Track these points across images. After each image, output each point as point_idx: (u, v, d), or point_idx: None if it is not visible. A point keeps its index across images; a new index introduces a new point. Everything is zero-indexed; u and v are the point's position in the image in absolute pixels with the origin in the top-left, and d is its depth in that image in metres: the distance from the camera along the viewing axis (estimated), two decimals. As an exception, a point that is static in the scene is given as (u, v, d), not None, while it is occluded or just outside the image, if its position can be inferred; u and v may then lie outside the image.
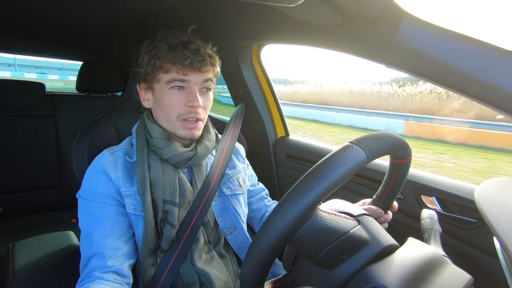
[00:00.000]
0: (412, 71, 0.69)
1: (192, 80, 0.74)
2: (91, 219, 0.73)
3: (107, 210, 0.74)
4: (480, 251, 0.83)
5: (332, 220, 0.48)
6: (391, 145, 0.51)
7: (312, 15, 0.77)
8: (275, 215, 0.42)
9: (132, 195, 0.76)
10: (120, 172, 0.77)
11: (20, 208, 1.87)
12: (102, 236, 0.71)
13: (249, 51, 1.39)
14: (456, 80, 0.61)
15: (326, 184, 0.41)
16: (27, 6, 1.10)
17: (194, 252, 0.79)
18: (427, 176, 0.96)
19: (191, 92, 0.75)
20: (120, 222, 0.74)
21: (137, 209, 0.75)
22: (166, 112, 0.76)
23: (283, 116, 1.50)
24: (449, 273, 0.46)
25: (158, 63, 0.73)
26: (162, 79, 0.75)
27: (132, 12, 1.14)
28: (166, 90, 0.75)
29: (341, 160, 0.42)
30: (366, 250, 0.48)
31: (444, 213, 0.89)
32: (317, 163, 0.44)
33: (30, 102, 1.87)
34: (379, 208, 0.68)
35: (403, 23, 0.65)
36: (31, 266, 0.91)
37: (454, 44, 0.60)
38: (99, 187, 0.74)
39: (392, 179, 0.63)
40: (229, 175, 0.92)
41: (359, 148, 0.44)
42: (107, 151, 0.80)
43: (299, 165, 1.38)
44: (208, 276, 0.77)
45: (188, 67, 0.72)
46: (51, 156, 1.94)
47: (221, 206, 0.88)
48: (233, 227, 0.88)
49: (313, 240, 0.46)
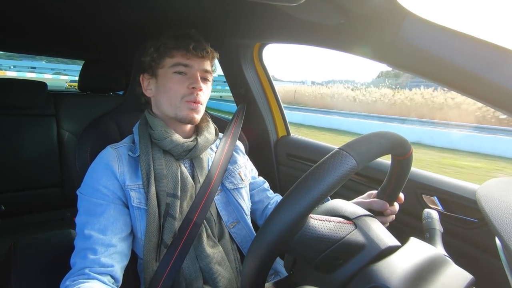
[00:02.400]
0: (415, 70, 0.69)
1: (194, 66, 0.81)
2: (88, 214, 0.73)
3: (105, 206, 0.74)
4: (482, 251, 0.83)
5: (325, 228, 0.47)
6: (385, 146, 0.49)
7: (314, 15, 0.77)
8: (265, 228, 0.42)
9: (137, 188, 0.77)
10: (125, 166, 0.78)
11: (22, 207, 1.88)
12: (97, 231, 0.71)
13: (251, 50, 1.39)
14: (459, 80, 0.61)
15: (315, 195, 0.41)
16: (28, 5, 1.10)
17: (198, 247, 0.80)
18: (428, 176, 0.96)
19: (193, 76, 0.80)
20: (117, 220, 0.74)
21: (141, 203, 0.77)
22: (169, 95, 0.81)
23: (284, 115, 1.50)
24: (450, 273, 0.46)
25: (163, 49, 0.80)
26: (166, 64, 0.81)
27: (134, 11, 1.14)
28: (170, 74, 0.80)
29: (330, 169, 0.42)
30: (362, 254, 0.48)
31: (446, 213, 0.89)
32: (306, 172, 0.43)
33: (32, 101, 1.88)
34: (385, 201, 0.68)
35: (405, 22, 0.65)
36: (33, 265, 0.92)
37: (457, 43, 0.60)
38: (100, 183, 0.75)
39: (395, 173, 0.62)
40: (230, 170, 0.94)
41: (348, 155, 0.43)
42: (110, 147, 0.82)
43: (300, 164, 1.38)
44: (212, 273, 0.78)
45: (192, 52, 0.79)
46: (53, 155, 1.95)
47: (224, 200, 0.90)
48: (236, 220, 0.89)
49: (306, 248, 0.46)
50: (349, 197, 0.71)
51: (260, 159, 1.10)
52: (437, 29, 0.62)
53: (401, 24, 0.66)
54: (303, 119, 12.50)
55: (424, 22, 0.64)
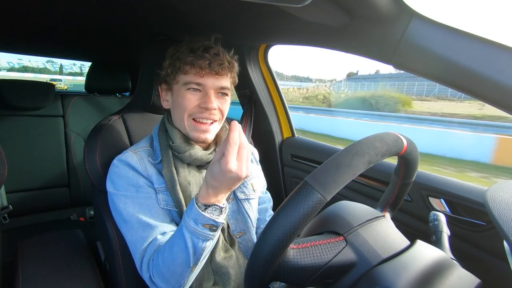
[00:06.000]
0: (421, 72, 0.69)
1: (208, 84, 0.76)
2: (141, 209, 0.75)
3: (153, 200, 0.77)
4: (489, 255, 0.82)
5: (309, 255, 0.46)
6: (360, 165, 0.44)
7: (319, 16, 0.77)
8: (249, 264, 0.44)
9: (164, 190, 0.79)
10: (148, 169, 0.80)
11: (30, 207, 1.90)
12: (154, 223, 0.74)
13: (256, 52, 1.39)
14: (467, 81, 0.60)
15: (285, 233, 0.40)
16: (37, 7, 1.12)
17: (213, 250, 0.80)
18: (434, 178, 0.95)
19: (206, 95, 0.77)
20: (162, 209, 0.78)
21: (168, 204, 0.78)
22: (179, 111, 0.79)
23: (289, 116, 1.50)
24: (457, 277, 0.46)
25: (178, 64, 0.77)
26: (180, 81, 0.78)
27: (141, 13, 1.15)
28: (182, 91, 0.78)
29: (297, 206, 0.41)
30: (353, 272, 0.47)
31: (453, 216, 0.88)
32: (279, 207, 0.42)
33: (40, 102, 1.90)
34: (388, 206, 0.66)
35: (412, 23, 0.65)
36: (40, 264, 0.93)
37: (465, 44, 0.59)
38: (139, 181, 0.78)
39: (402, 169, 0.61)
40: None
41: (313, 190, 0.41)
42: (130, 151, 0.82)
43: (305, 166, 1.38)
44: (224, 276, 0.80)
45: (206, 69, 0.75)
46: (60, 155, 1.97)
47: (234, 209, 0.89)
48: (243, 231, 0.89)
49: (292, 277, 0.45)
50: (353, 198, 0.71)
51: (265, 160, 1.09)
52: (444, 30, 0.62)
53: (408, 24, 0.65)
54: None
55: (431, 23, 0.63)
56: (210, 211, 0.66)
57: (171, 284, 0.69)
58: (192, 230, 0.65)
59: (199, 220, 0.65)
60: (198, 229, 0.65)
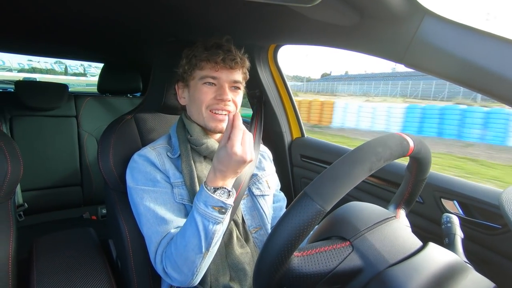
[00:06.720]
0: (434, 71, 0.67)
1: (223, 77, 0.82)
2: (157, 203, 0.78)
3: (169, 195, 0.80)
4: (505, 258, 0.80)
5: (313, 263, 0.45)
6: (360, 173, 0.43)
7: (329, 15, 0.76)
8: (254, 273, 0.44)
9: (180, 185, 0.82)
10: (166, 164, 0.83)
11: (44, 205, 1.95)
12: (169, 218, 0.76)
13: (266, 52, 1.39)
14: (483, 81, 0.58)
15: (285, 244, 0.40)
16: (49, 9, 1.15)
17: (228, 246, 0.83)
18: (447, 179, 0.93)
19: (221, 87, 0.83)
20: (177, 204, 0.81)
21: (184, 199, 0.81)
22: (197, 105, 0.84)
23: (299, 116, 1.49)
24: (471, 281, 0.45)
25: (194, 61, 0.83)
26: (197, 76, 0.84)
27: (152, 14, 1.17)
28: (199, 86, 0.83)
29: (297, 218, 0.40)
30: (360, 278, 0.46)
31: (466, 218, 0.86)
32: (280, 218, 0.42)
33: (54, 103, 1.95)
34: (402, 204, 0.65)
35: (424, 21, 0.64)
36: (54, 261, 0.95)
37: (481, 42, 0.58)
38: (157, 176, 0.81)
39: (414, 170, 0.60)
40: (258, 176, 0.96)
41: (312, 201, 0.40)
42: (149, 147, 0.86)
43: (314, 166, 1.37)
44: (239, 272, 0.82)
45: (221, 63, 0.81)
46: (74, 155, 2.02)
47: (249, 205, 0.92)
48: (259, 226, 0.91)
49: (297, 284, 0.45)
50: (363, 199, 0.70)
51: (275, 160, 1.10)
52: (458, 28, 0.60)
53: (420, 23, 0.64)
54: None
55: (444, 21, 0.62)
56: (219, 194, 0.69)
57: (183, 273, 0.70)
58: (203, 213, 0.68)
59: (209, 202, 0.68)
60: (208, 211, 0.68)
